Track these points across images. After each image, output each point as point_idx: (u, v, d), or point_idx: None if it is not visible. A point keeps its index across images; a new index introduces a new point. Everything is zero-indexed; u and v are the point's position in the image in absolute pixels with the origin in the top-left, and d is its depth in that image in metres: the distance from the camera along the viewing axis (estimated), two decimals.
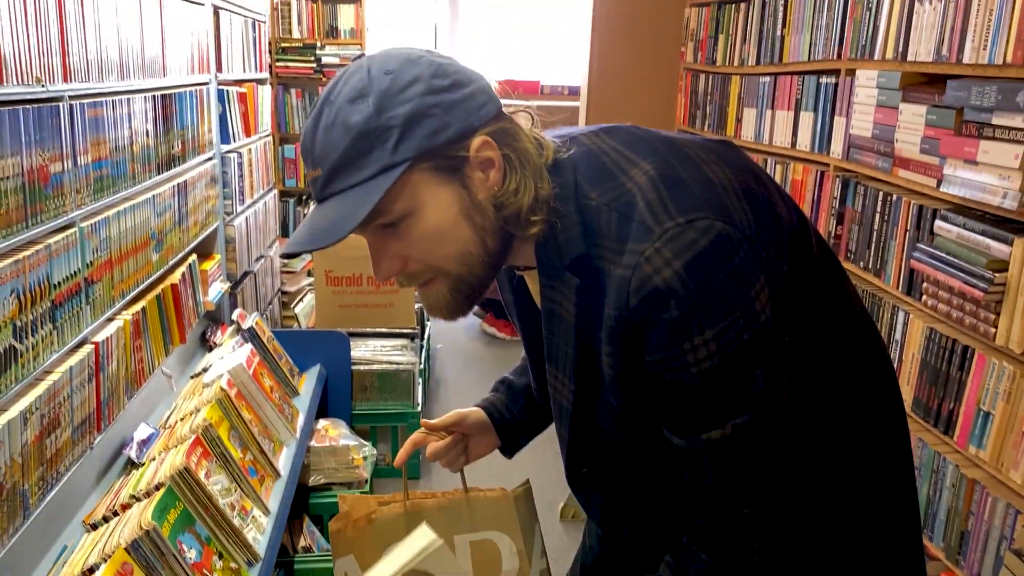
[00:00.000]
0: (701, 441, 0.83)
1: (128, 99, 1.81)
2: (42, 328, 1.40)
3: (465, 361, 4.24)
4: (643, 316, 0.79)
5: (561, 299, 0.87)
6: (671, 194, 0.81)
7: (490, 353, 4.36)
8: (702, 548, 0.87)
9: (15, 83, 1.31)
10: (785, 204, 0.89)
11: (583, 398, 0.90)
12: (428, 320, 3.87)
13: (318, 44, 4.87)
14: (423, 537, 1.05)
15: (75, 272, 1.53)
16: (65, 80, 1.50)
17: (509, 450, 1.24)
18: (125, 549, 1.39)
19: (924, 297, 1.76)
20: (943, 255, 1.67)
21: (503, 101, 0.87)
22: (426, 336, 3.72)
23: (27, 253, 1.34)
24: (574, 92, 5.79)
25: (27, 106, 1.33)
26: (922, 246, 1.75)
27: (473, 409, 1.21)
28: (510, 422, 1.20)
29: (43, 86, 1.40)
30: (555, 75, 6.03)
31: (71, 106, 1.51)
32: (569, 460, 0.98)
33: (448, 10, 5.99)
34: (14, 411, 1.29)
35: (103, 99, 1.67)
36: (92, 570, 1.38)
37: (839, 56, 2.21)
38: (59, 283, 1.46)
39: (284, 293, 3.94)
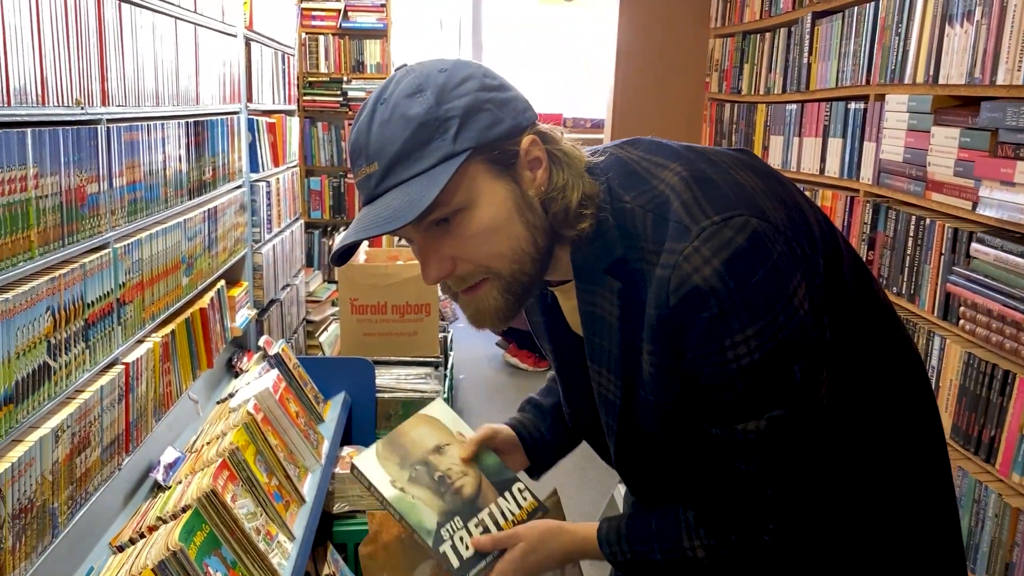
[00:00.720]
0: (738, 432, 0.84)
1: (162, 124, 1.84)
2: (75, 346, 1.40)
3: (488, 391, 4.22)
4: (683, 314, 0.80)
5: (602, 302, 0.89)
6: (704, 194, 0.82)
7: (513, 384, 4.34)
8: (707, 530, 0.91)
9: (55, 104, 1.33)
10: (811, 208, 0.90)
11: (629, 394, 0.92)
12: (451, 349, 3.86)
13: (344, 78, 4.95)
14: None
15: (108, 292, 1.54)
16: (103, 103, 1.52)
17: (537, 471, 1.23)
18: (152, 570, 1.38)
19: (961, 321, 1.72)
20: (981, 278, 1.64)
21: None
22: (450, 365, 3.71)
23: (63, 271, 1.35)
24: (596, 124, 5.83)
25: (67, 127, 1.36)
26: (958, 269, 1.72)
27: (502, 426, 1.20)
28: (539, 441, 1.20)
29: (82, 108, 1.43)
30: (577, 108, 6.09)
31: (108, 129, 1.53)
32: (618, 452, 1.00)
33: (471, 44, 6.08)
34: (46, 428, 1.29)
35: (139, 123, 1.69)
36: None
37: (868, 82, 2.21)
38: (92, 302, 1.47)
39: (309, 322, 3.95)
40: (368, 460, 1.07)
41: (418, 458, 1.09)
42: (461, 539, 1.02)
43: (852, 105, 2.31)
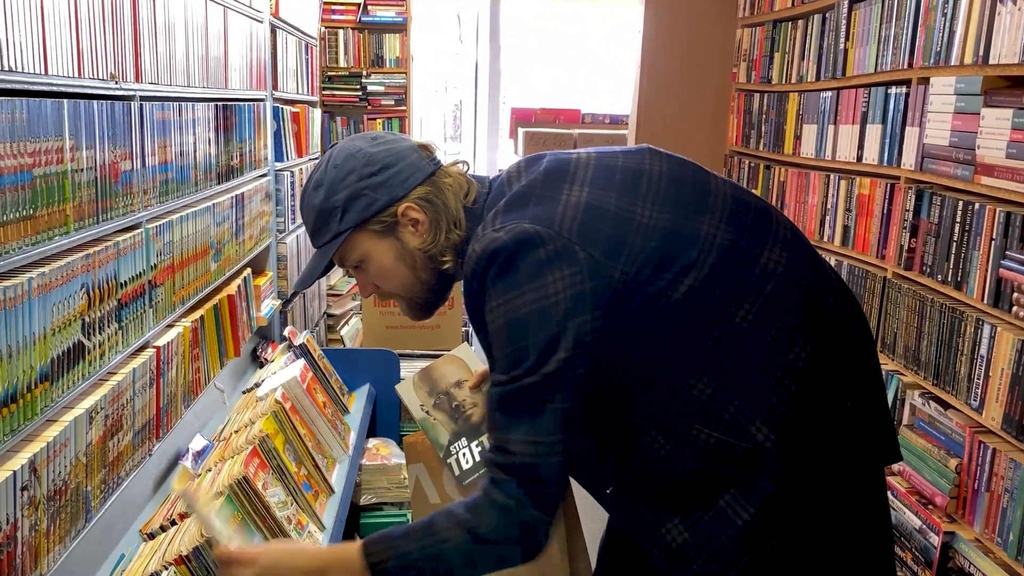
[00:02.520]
0: (494, 382, 1.05)
1: (192, 105, 1.81)
2: (108, 327, 1.37)
3: None
4: (477, 291, 1.07)
5: (470, 303, 1.12)
6: (505, 213, 1.07)
7: None
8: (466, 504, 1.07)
9: (91, 76, 1.30)
10: (659, 208, 1.05)
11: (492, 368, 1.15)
12: (471, 345, 3.81)
13: (364, 73, 4.92)
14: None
15: (140, 273, 1.51)
16: (136, 79, 1.49)
17: None
18: (186, 556, 1.34)
19: (1015, 308, 1.67)
20: None
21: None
22: None
23: (97, 249, 1.31)
24: (615, 120, 5.77)
25: (101, 101, 1.32)
26: (1012, 254, 1.67)
27: None
28: None
29: (116, 83, 1.40)
30: (596, 104, 6.03)
31: (141, 106, 1.50)
32: None
33: (488, 39, 6.04)
34: (80, 409, 1.26)
35: (170, 103, 1.66)
36: None
37: (910, 65, 2.15)
38: (125, 282, 1.44)
39: (329, 316, 3.92)
40: (406, 387, 1.48)
41: (442, 389, 1.44)
42: (464, 455, 1.37)
43: (893, 90, 2.25)
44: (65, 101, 1.19)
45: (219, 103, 2.03)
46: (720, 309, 1.03)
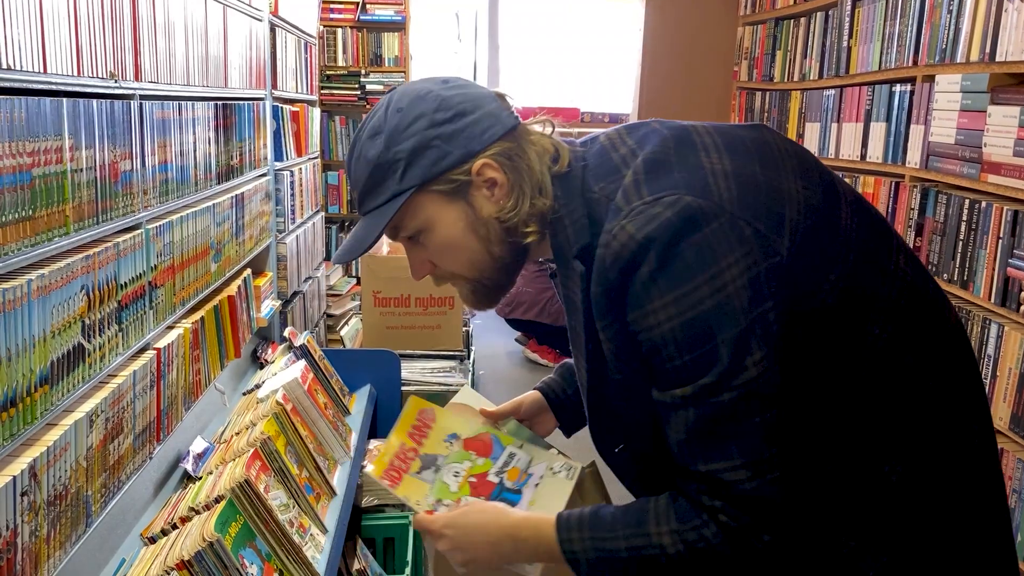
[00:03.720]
0: (668, 397, 0.87)
1: (192, 104, 1.79)
2: (108, 328, 1.35)
3: (508, 387, 4.16)
4: (619, 286, 0.86)
5: (573, 286, 0.95)
6: (647, 177, 0.88)
7: (533, 379, 4.25)
8: (672, 514, 0.89)
9: (90, 75, 1.28)
10: (805, 182, 0.90)
11: (595, 378, 0.96)
12: (472, 346, 3.80)
13: (362, 72, 4.90)
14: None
15: (141, 274, 1.49)
16: (136, 78, 1.47)
17: (567, 429, 1.28)
18: (188, 562, 1.33)
19: (1023, 308, 1.65)
20: None
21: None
22: (471, 359, 3.65)
23: (97, 250, 1.30)
24: (614, 119, 5.75)
25: (101, 100, 1.31)
26: (1020, 253, 1.65)
27: (529, 393, 1.27)
28: (565, 402, 1.25)
29: (116, 81, 1.38)
30: (595, 102, 6.02)
31: (141, 105, 1.48)
32: (594, 437, 1.03)
33: (487, 37, 6.03)
34: (80, 412, 1.24)
35: (170, 102, 1.64)
36: None
37: (915, 63, 2.14)
38: (125, 284, 1.42)
39: (329, 316, 3.90)
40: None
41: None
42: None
43: (897, 88, 2.24)
44: (64, 100, 1.17)
45: (219, 102, 2.01)
46: (860, 322, 0.88)
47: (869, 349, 0.87)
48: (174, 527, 1.54)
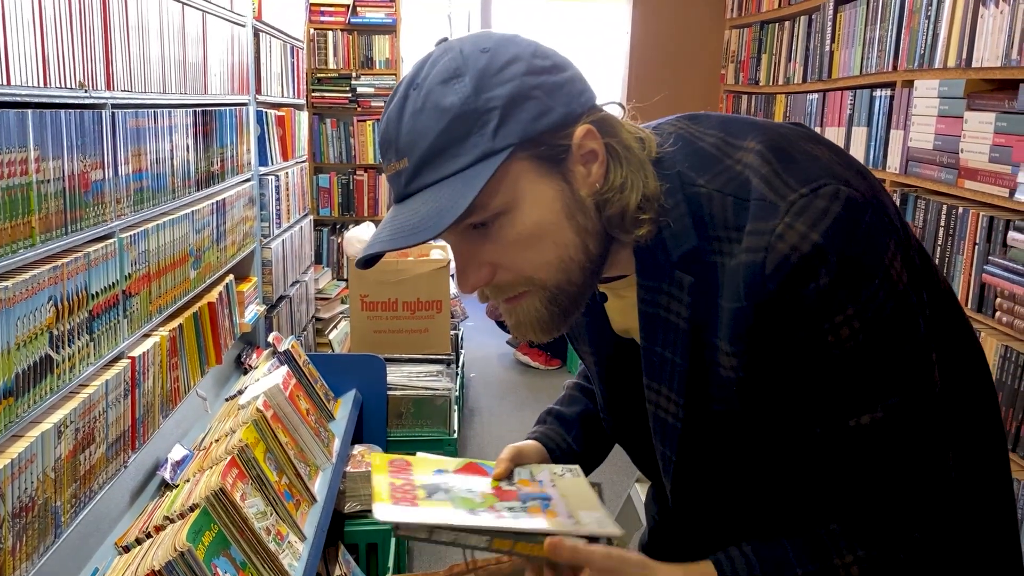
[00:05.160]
0: (851, 428, 0.73)
1: (169, 112, 1.79)
2: (79, 339, 1.35)
3: (499, 390, 4.16)
4: (784, 298, 0.70)
5: (668, 302, 0.78)
6: (785, 167, 0.73)
7: (524, 382, 4.27)
8: (859, 542, 0.76)
9: (58, 86, 1.28)
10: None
11: (693, 412, 0.80)
12: (462, 348, 3.80)
13: (353, 74, 4.90)
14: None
15: (113, 283, 1.49)
16: (108, 88, 1.47)
17: None
18: (159, 571, 1.32)
19: (998, 314, 1.66)
20: (1020, 267, 1.57)
21: None
22: (461, 363, 3.65)
23: (66, 260, 1.30)
24: None
25: (70, 110, 1.30)
26: (995, 259, 1.66)
27: (527, 442, 1.08)
28: (567, 452, 1.10)
29: (86, 91, 1.38)
30: None
31: (113, 114, 1.48)
32: (676, 482, 0.86)
33: None
34: (48, 424, 1.24)
35: (145, 110, 1.64)
36: None
37: (895, 68, 2.14)
38: (97, 294, 1.42)
39: (318, 319, 3.90)
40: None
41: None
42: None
43: (878, 92, 2.24)
44: (30, 112, 1.17)
45: (198, 109, 2.01)
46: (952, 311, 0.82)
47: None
48: (149, 536, 1.54)
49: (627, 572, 0.78)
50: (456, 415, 3.01)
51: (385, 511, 0.82)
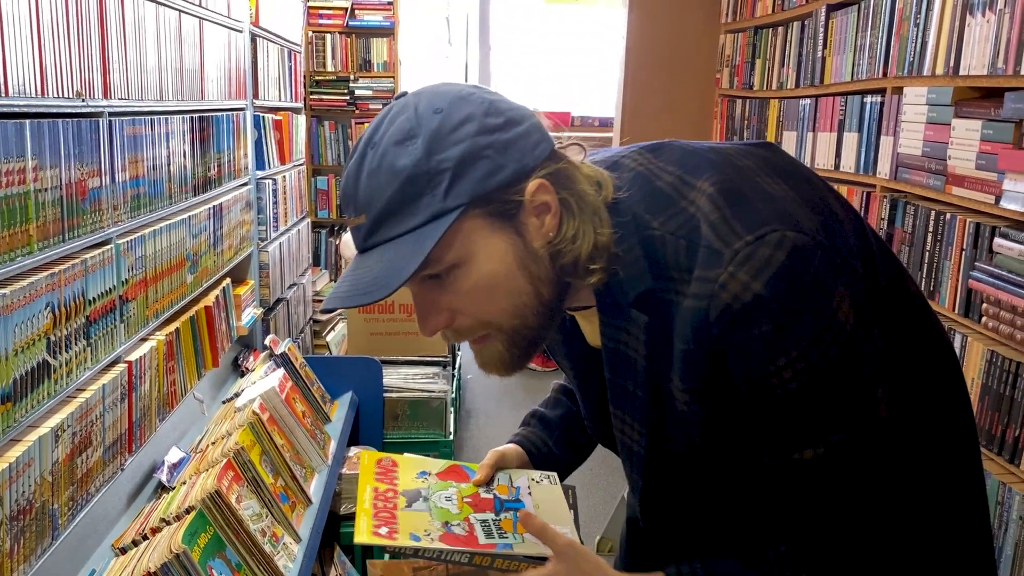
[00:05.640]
0: (795, 462, 0.76)
1: (166, 119, 1.81)
2: (76, 344, 1.37)
3: (496, 392, 4.18)
4: (726, 343, 0.74)
5: (627, 339, 0.81)
6: (734, 211, 0.75)
7: (521, 384, 4.30)
8: (803, 565, 0.80)
9: (55, 96, 1.30)
10: (840, 203, 0.85)
11: (656, 442, 0.83)
12: (459, 349, 3.82)
13: (351, 77, 4.92)
14: None
15: (110, 289, 1.51)
16: (105, 96, 1.49)
17: None
18: (154, 573, 1.35)
19: (984, 319, 1.68)
20: (1005, 273, 1.59)
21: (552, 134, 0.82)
22: (457, 365, 3.67)
23: (63, 267, 1.32)
24: (605, 123, 5.78)
25: (67, 120, 1.33)
26: (981, 265, 1.68)
27: (509, 447, 1.12)
28: (548, 455, 1.13)
29: (83, 100, 1.40)
30: (585, 106, 6.04)
31: (110, 122, 1.50)
32: (644, 505, 0.91)
33: (478, 42, 6.05)
34: (45, 428, 1.26)
35: (142, 117, 1.66)
36: None
37: (885, 74, 2.16)
38: (94, 299, 1.44)
39: (316, 322, 3.92)
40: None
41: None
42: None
43: (868, 99, 2.26)
44: (27, 122, 1.19)
45: (195, 115, 2.03)
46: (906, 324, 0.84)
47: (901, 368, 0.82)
48: (145, 538, 1.56)
49: (582, 567, 0.84)
50: (452, 417, 3.03)
51: (362, 538, 0.88)
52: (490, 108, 0.77)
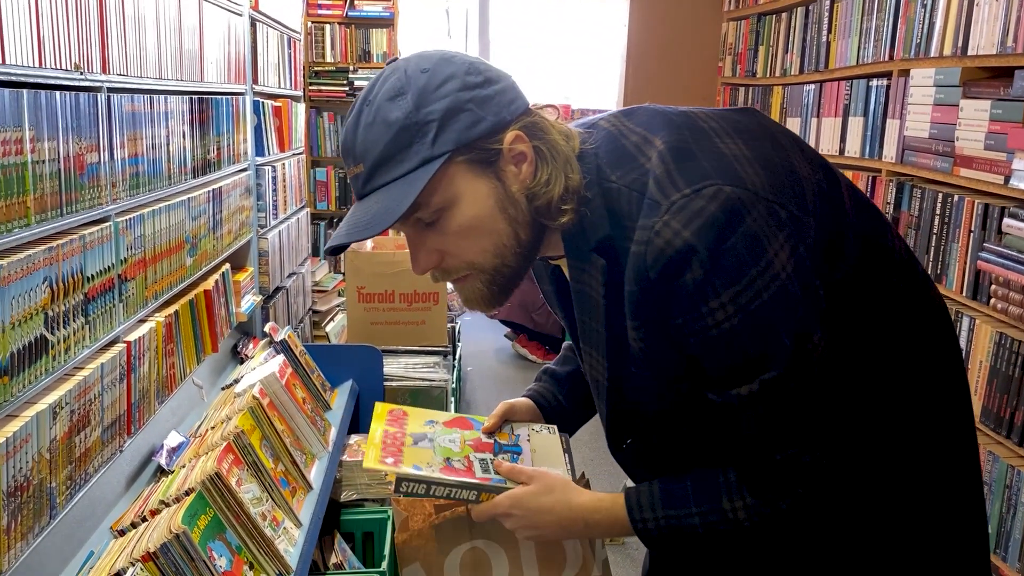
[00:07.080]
0: (732, 396, 0.84)
1: (165, 98, 1.78)
2: (74, 321, 1.35)
3: (496, 384, 4.17)
4: (663, 286, 0.82)
5: (589, 280, 0.90)
6: (678, 167, 0.83)
7: (522, 376, 4.28)
8: (748, 489, 0.88)
9: (53, 67, 1.28)
10: (810, 165, 0.90)
11: (616, 373, 0.93)
12: (459, 341, 3.80)
13: (351, 68, 4.89)
14: None
15: (109, 267, 1.49)
16: (104, 71, 1.47)
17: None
18: (154, 553, 1.33)
19: (993, 300, 1.66)
20: (1014, 254, 1.58)
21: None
22: (458, 356, 3.65)
23: (61, 242, 1.30)
24: None
25: (65, 92, 1.30)
26: (990, 246, 1.66)
27: (520, 400, 1.21)
28: (556, 408, 1.21)
29: (81, 73, 1.37)
30: (585, 98, 6.02)
31: (109, 98, 1.48)
32: (610, 432, 1.01)
33: (478, 33, 6.02)
34: (43, 404, 1.24)
35: (141, 95, 1.64)
36: (119, 574, 1.31)
37: (891, 57, 2.14)
38: (92, 276, 1.42)
39: (315, 312, 3.90)
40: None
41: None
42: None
43: (874, 82, 2.24)
44: (25, 91, 1.17)
45: (194, 96, 2.00)
46: (875, 293, 0.89)
47: (875, 325, 0.88)
48: (144, 520, 1.54)
49: (551, 486, 0.98)
50: (452, 407, 3.01)
51: (370, 464, 1.02)
52: (471, 68, 0.87)
